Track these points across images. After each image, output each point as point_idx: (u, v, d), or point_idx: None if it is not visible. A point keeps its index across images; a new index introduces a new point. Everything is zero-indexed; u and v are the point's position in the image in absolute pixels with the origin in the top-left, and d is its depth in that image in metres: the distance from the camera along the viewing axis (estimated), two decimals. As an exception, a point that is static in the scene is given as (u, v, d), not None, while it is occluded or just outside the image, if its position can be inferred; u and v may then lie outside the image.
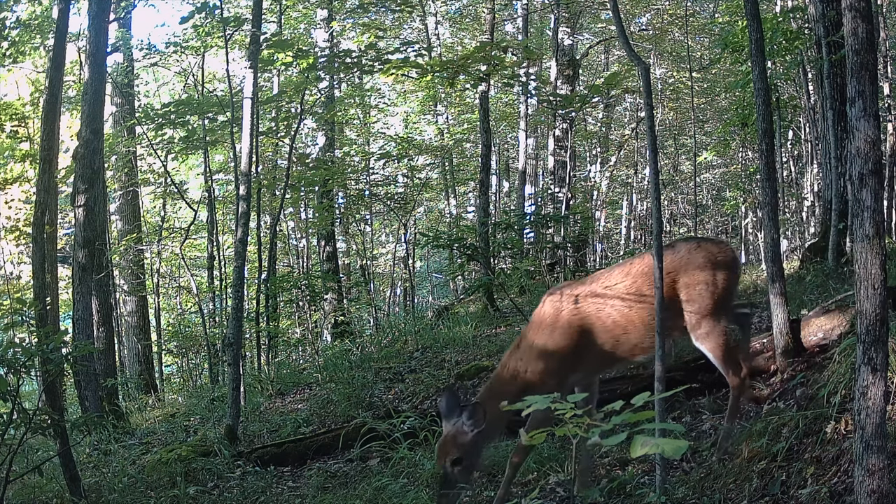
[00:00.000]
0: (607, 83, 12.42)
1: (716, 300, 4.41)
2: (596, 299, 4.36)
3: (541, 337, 4.33)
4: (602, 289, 4.39)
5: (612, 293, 4.37)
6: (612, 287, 4.39)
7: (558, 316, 4.34)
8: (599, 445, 2.54)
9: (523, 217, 11.93)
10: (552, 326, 4.33)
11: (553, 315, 4.36)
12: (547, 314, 4.38)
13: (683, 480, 4.19)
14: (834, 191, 8.38)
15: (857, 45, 3.08)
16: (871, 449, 2.97)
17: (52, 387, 5.14)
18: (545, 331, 4.34)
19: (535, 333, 4.37)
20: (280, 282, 11.58)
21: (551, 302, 4.41)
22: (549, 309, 4.38)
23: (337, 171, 12.72)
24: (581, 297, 4.36)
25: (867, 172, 3.02)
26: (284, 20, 13.98)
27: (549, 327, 4.33)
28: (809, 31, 9.58)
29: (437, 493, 4.09)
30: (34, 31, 11.05)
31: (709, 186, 22.29)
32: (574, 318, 4.32)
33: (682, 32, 16.44)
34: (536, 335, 4.36)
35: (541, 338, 4.33)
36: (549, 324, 4.34)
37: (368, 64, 9.65)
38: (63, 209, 12.53)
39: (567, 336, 4.30)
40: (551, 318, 4.35)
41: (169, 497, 5.14)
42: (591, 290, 4.40)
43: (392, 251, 19.20)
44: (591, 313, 4.33)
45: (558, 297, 4.41)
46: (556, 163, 14.56)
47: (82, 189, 7.42)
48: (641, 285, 4.36)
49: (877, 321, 2.99)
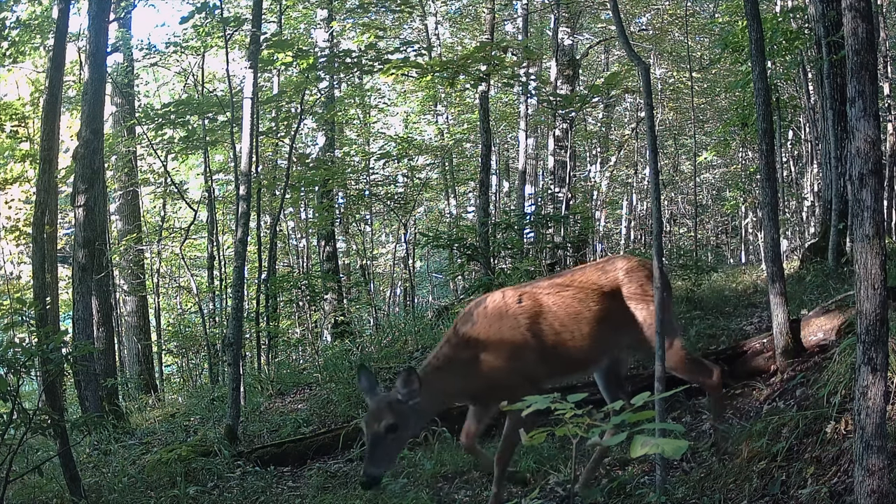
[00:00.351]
0: (607, 83, 12.42)
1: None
2: (543, 297, 4.36)
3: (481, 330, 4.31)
4: (547, 291, 4.41)
5: (557, 297, 4.38)
6: (559, 290, 4.42)
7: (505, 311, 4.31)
8: (599, 445, 2.54)
9: (523, 217, 11.93)
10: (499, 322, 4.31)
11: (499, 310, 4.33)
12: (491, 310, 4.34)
13: (683, 480, 4.19)
14: (834, 191, 8.38)
15: (857, 45, 3.08)
16: (871, 449, 2.98)
17: (52, 387, 5.14)
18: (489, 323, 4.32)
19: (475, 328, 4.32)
20: (280, 282, 11.58)
21: (494, 300, 4.39)
22: (493, 305, 4.35)
23: (337, 171, 12.72)
24: (525, 296, 4.35)
25: (867, 172, 3.02)
26: (284, 20, 13.98)
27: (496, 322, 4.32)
28: (809, 31, 9.59)
29: (367, 458, 3.86)
30: (34, 31, 11.05)
31: (709, 186, 22.30)
32: (521, 315, 4.28)
33: (682, 32, 16.44)
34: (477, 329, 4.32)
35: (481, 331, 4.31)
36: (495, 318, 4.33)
37: (368, 64, 9.65)
38: (63, 209, 12.52)
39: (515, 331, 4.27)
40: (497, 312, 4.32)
41: (169, 497, 5.13)
42: (534, 290, 4.41)
43: (392, 251, 19.21)
44: (536, 311, 4.30)
45: (500, 295, 4.40)
46: (556, 163, 14.56)
47: (82, 189, 7.42)
48: (580, 296, 4.40)
49: (877, 321, 2.99)
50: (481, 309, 4.29)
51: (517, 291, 4.40)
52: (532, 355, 4.22)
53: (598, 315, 4.37)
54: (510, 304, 4.28)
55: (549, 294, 4.37)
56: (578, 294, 4.38)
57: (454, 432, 5.54)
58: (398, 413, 3.90)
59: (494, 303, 4.31)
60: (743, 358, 5.58)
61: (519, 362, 4.22)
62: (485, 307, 4.30)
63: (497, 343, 4.22)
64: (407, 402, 3.92)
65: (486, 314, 4.27)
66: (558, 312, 4.32)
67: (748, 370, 5.50)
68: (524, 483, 4.58)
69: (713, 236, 22.97)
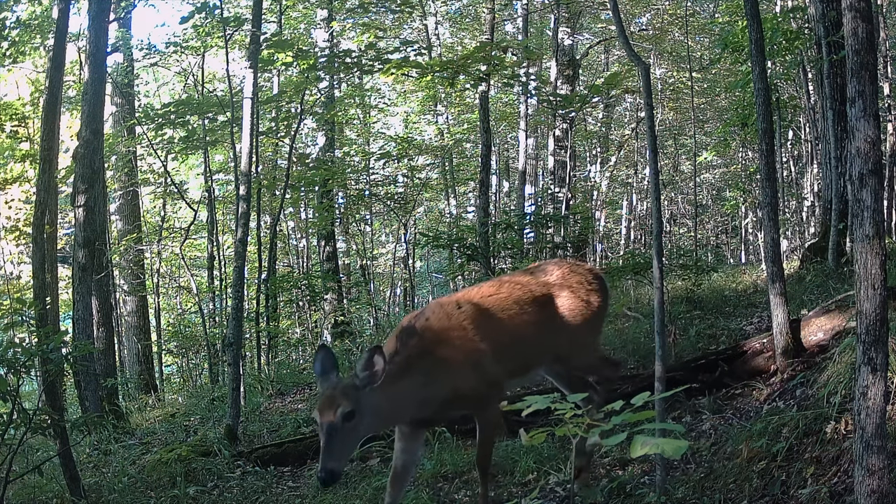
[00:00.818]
0: (607, 83, 12.43)
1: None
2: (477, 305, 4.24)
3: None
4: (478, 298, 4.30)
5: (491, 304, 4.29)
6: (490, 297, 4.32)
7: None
8: (599, 445, 2.54)
9: (523, 217, 11.93)
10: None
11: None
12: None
13: (683, 480, 4.19)
14: (834, 191, 8.38)
15: (857, 45, 3.08)
16: (871, 449, 2.98)
17: (52, 387, 5.14)
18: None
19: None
20: (280, 282, 11.58)
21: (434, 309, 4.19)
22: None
23: (337, 171, 12.72)
24: (463, 302, 4.22)
25: (867, 172, 3.02)
26: (284, 20, 13.97)
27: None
28: (809, 31, 9.59)
29: (323, 451, 3.47)
30: (34, 31, 11.04)
31: (709, 186, 22.29)
32: (465, 321, 4.13)
33: (682, 32, 16.43)
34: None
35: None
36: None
37: (368, 64, 9.65)
38: (63, 209, 12.51)
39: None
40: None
41: (169, 497, 5.13)
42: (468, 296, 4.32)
43: (392, 251, 19.20)
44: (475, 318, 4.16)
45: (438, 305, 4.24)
46: (556, 163, 14.56)
47: (82, 189, 7.41)
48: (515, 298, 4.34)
49: (877, 321, 2.99)
50: (423, 322, 4.03)
51: (452, 299, 4.26)
52: (485, 359, 4.08)
53: (535, 319, 4.30)
54: (451, 312, 4.10)
55: (485, 298, 4.27)
56: (512, 298, 4.30)
57: (454, 432, 5.54)
58: (355, 399, 3.55)
59: (435, 314, 4.09)
60: (743, 358, 5.58)
61: (478, 368, 4.04)
62: (427, 319, 4.05)
63: (450, 352, 4.00)
64: (364, 388, 3.59)
65: (431, 326, 4.02)
66: (498, 315, 4.21)
67: (748, 370, 5.50)
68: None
69: (713, 236, 22.97)
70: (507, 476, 4.77)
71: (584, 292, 4.47)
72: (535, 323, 4.31)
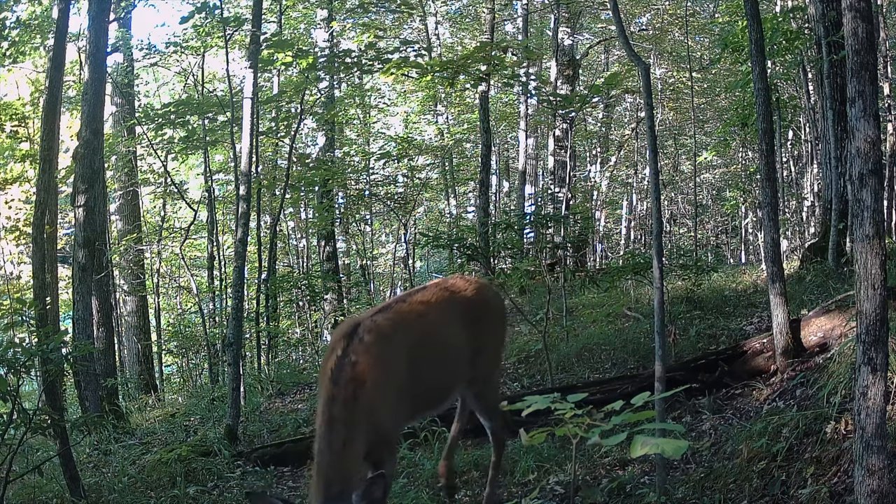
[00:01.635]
0: (607, 83, 12.41)
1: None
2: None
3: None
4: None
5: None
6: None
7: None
8: (599, 445, 2.54)
9: (523, 217, 11.92)
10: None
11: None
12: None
13: (683, 480, 4.19)
14: (834, 191, 8.38)
15: (857, 45, 3.08)
16: (871, 449, 2.98)
17: (52, 387, 5.14)
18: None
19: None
20: (280, 282, 11.58)
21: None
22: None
23: (337, 171, 12.72)
24: (395, 322, 3.67)
25: (867, 172, 3.02)
26: (284, 20, 13.97)
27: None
28: (809, 31, 9.58)
29: None
30: (34, 31, 11.04)
31: (709, 186, 22.28)
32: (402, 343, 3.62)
33: (682, 32, 16.44)
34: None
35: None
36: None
37: (368, 64, 9.65)
38: (63, 209, 12.51)
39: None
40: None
41: (169, 497, 5.13)
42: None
43: (392, 251, 19.20)
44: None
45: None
46: (556, 163, 14.56)
47: (82, 189, 7.41)
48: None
49: (877, 321, 3.00)
50: (358, 345, 3.32)
51: (384, 317, 3.59)
52: (408, 388, 3.55)
53: (452, 342, 3.90)
54: (387, 331, 3.49)
55: (413, 318, 3.76)
56: (431, 318, 3.82)
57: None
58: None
59: (370, 332, 3.40)
60: (743, 358, 5.58)
61: (405, 399, 3.53)
62: (360, 338, 3.35)
63: (390, 378, 3.42)
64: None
65: (369, 349, 3.33)
66: (423, 340, 3.73)
67: (748, 370, 5.50)
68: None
69: (713, 236, 22.97)
70: (507, 476, 4.77)
71: (491, 314, 4.18)
72: (452, 346, 3.90)
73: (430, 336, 3.80)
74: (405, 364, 3.51)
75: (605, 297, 10.09)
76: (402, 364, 3.50)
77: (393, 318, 3.62)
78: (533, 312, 9.18)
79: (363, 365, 3.24)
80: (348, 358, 3.24)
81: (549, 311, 7.61)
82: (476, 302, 4.08)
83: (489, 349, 4.16)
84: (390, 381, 3.41)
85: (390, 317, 3.62)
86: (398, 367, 3.48)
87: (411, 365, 3.54)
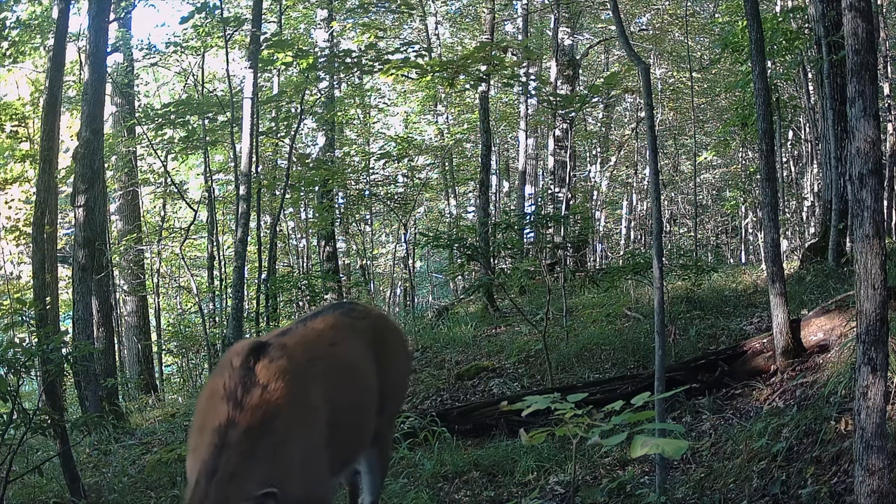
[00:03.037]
0: (607, 83, 12.42)
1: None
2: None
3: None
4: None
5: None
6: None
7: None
8: (599, 445, 2.54)
9: (523, 217, 11.92)
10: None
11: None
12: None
13: (683, 480, 4.19)
14: (834, 191, 8.39)
15: (857, 45, 3.08)
16: (871, 449, 2.98)
17: (52, 387, 5.14)
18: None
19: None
20: (280, 282, 11.57)
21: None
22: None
23: (337, 171, 12.71)
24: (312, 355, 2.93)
25: (867, 172, 3.03)
26: (284, 20, 13.97)
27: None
28: (809, 31, 9.59)
29: None
30: (34, 31, 11.04)
31: (709, 186, 22.29)
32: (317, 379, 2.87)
33: (682, 32, 16.44)
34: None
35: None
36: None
37: (368, 64, 9.65)
38: (63, 209, 12.52)
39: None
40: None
41: (169, 497, 5.13)
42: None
43: (392, 251, 19.20)
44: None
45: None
46: (556, 163, 14.56)
47: (82, 189, 7.42)
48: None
49: (877, 321, 3.00)
50: (268, 365, 2.63)
51: (293, 340, 2.91)
52: (330, 431, 2.79)
53: (365, 380, 3.14)
54: (300, 357, 2.79)
55: (324, 345, 3.04)
56: (342, 348, 3.09)
57: (454, 432, 5.54)
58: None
59: (282, 355, 2.70)
60: (743, 358, 5.58)
61: (326, 445, 2.76)
62: (271, 359, 2.65)
63: (309, 414, 2.71)
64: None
65: (282, 374, 2.63)
66: (337, 373, 2.98)
67: (748, 370, 5.50)
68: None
69: (713, 236, 22.97)
70: (507, 476, 4.77)
71: (406, 349, 3.55)
72: (370, 388, 3.15)
73: (343, 370, 3.02)
74: (323, 399, 2.76)
75: (605, 297, 10.09)
76: (321, 398, 2.75)
77: (303, 341, 2.92)
78: (533, 312, 9.19)
79: (278, 391, 2.55)
80: (254, 379, 2.56)
81: (549, 311, 7.61)
82: (382, 335, 3.31)
83: (397, 395, 3.42)
84: (310, 417, 2.68)
85: (299, 340, 2.91)
86: (318, 401, 2.74)
87: (329, 402, 2.79)
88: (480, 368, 7.33)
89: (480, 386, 7.06)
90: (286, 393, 2.56)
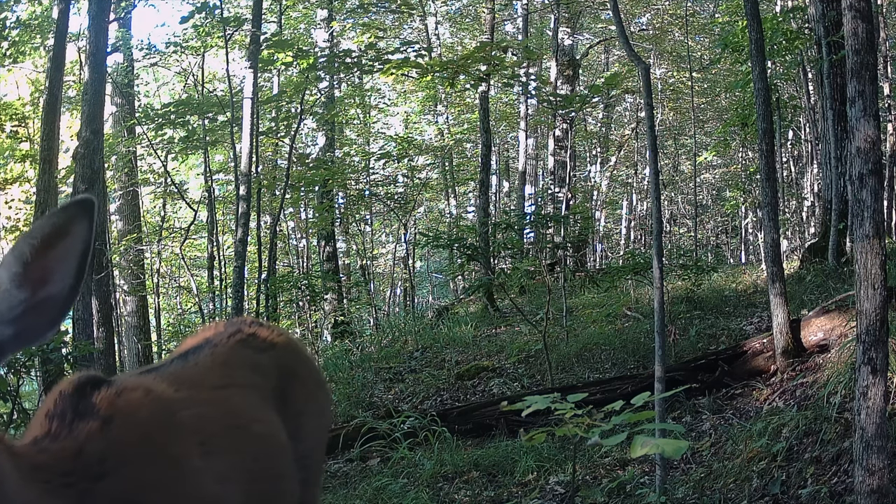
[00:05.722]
0: (607, 83, 12.42)
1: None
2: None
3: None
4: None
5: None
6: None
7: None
8: (599, 445, 2.54)
9: (523, 217, 11.93)
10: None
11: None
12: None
13: (683, 480, 4.19)
14: (834, 191, 8.39)
15: (857, 45, 3.08)
16: (872, 449, 2.98)
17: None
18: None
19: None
20: (280, 282, 11.57)
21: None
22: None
23: (337, 171, 12.72)
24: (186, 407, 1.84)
25: (867, 172, 3.03)
26: (284, 20, 13.97)
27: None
28: (809, 31, 9.59)
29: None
30: (34, 31, 11.05)
31: (709, 186, 22.30)
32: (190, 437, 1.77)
33: (682, 32, 16.45)
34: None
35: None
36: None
37: (368, 64, 9.65)
38: (63, 209, 12.50)
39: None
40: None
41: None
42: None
43: (392, 251, 19.20)
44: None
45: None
46: (556, 163, 14.56)
47: (82, 189, 7.40)
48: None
49: (877, 321, 3.00)
50: (104, 402, 1.62)
51: (159, 378, 1.88)
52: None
53: (271, 438, 2.00)
54: (165, 401, 1.80)
55: (206, 394, 1.93)
56: (236, 399, 1.96)
57: (454, 432, 5.54)
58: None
59: (127, 396, 1.68)
60: (743, 358, 5.58)
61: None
62: (118, 392, 1.66)
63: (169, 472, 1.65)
64: None
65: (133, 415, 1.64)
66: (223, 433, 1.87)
67: (748, 370, 5.50)
68: None
69: (713, 236, 22.99)
70: (507, 476, 4.77)
71: (324, 383, 2.44)
72: (280, 448, 2.03)
73: (235, 426, 1.91)
74: (200, 455, 1.76)
75: (604, 297, 10.09)
76: (197, 453, 1.76)
77: (175, 381, 1.87)
78: (533, 312, 9.19)
79: (127, 430, 1.61)
80: (93, 408, 1.63)
81: (549, 311, 7.61)
82: (292, 371, 2.22)
83: (316, 451, 2.29)
84: (181, 477, 1.70)
85: (169, 379, 1.87)
86: (191, 454, 1.74)
87: (211, 469, 1.76)
88: (480, 368, 7.33)
89: (480, 386, 7.06)
90: (142, 435, 1.63)
